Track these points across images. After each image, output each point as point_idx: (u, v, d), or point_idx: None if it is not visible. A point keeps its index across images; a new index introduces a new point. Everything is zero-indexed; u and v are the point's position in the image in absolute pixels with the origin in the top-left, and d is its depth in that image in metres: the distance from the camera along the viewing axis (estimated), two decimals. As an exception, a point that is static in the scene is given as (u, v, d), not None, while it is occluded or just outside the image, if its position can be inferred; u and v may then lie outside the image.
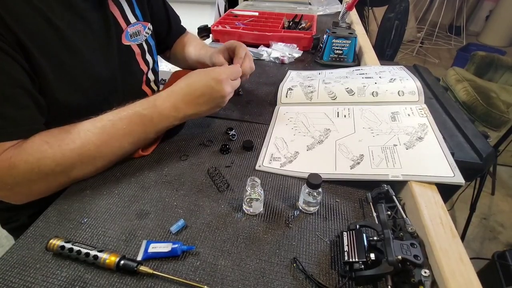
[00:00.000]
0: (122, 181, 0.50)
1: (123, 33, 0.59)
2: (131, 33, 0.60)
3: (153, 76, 0.72)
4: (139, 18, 0.63)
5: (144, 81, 0.68)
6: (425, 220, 0.40)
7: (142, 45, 0.64)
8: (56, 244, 0.38)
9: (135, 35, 0.62)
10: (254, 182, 0.42)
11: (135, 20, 0.61)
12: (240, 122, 0.65)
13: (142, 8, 0.64)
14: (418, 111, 0.60)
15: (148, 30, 0.65)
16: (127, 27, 0.59)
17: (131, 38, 0.61)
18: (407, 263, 0.35)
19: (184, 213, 0.45)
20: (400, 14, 2.27)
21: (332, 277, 0.37)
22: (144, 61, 0.66)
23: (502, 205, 1.71)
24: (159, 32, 0.74)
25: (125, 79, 0.61)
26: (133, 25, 0.61)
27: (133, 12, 0.61)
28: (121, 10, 0.58)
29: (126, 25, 0.59)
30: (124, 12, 0.59)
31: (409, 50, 3.38)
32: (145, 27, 0.64)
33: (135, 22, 0.61)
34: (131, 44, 0.61)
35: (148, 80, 0.70)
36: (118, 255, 0.37)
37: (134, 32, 0.61)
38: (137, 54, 0.63)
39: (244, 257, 0.39)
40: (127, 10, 0.60)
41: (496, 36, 3.54)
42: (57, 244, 0.38)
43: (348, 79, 0.71)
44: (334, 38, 0.87)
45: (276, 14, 1.22)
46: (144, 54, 0.65)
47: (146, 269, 0.36)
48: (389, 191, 0.45)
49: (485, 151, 0.71)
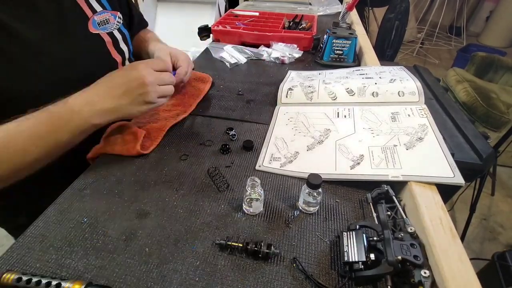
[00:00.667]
0: (122, 181, 0.50)
1: (89, 21, 0.57)
2: (99, 21, 0.59)
3: None
4: (106, 7, 0.62)
5: None
6: (425, 220, 0.40)
7: (112, 33, 0.63)
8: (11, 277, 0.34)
9: (103, 23, 0.60)
10: (254, 182, 0.42)
11: (101, 8, 0.61)
12: (240, 122, 0.65)
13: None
14: (418, 111, 0.60)
15: (119, 19, 0.64)
16: (93, 15, 0.58)
17: (100, 27, 0.59)
18: (407, 263, 0.35)
19: (184, 213, 0.45)
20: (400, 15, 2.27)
21: (332, 277, 0.37)
22: (117, 50, 0.64)
23: (502, 205, 1.71)
24: None
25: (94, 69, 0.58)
26: (100, 14, 0.60)
27: (98, 1, 0.60)
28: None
29: (92, 13, 0.58)
30: (88, 1, 0.58)
31: (409, 50, 3.38)
32: (115, 16, 0.63)
33: (102, 10, 0.60)
34: (100, 33, 0.60)
35: None
36: (82, 282, 0.34)
37: (102, 20, 0.60)
38: (108, 43, 0.61)
39: (243, 257, 0.39)
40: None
41: (496, 36, 3.54)
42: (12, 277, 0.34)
43: (348, 80, 0.71)
44: (335, 39, 0.87)
45: (277, 14, 1.22)
46: (117, 43, 0.64)
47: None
48: (389, 192, 0.45)
49: (485, 151, 0.72)
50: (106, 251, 0.39)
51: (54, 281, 0.34)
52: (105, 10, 0.61)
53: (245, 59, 0.94)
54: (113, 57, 0.63)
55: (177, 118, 0.64)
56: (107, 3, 0.63)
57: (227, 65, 0.91)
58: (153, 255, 0.39)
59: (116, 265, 0.38)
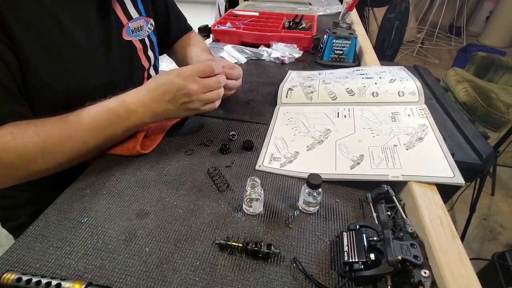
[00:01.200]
0: (122, 181, 0.50)
1: (124, 28, 0.59)
2: (133, 28, 0.60)
3: (154, 73, 0.72)
4: (142, 13, 0.63)
5: (146, 77, 0.68)
6: (425, 220, 0.40)
7: (144, 40, 0.64)
8: (11, 278, 0.34)
9: (137, 30, 0.61)
10: (254, 182, 0.42)
11: (137, 15, 0.61)
12: (240, 122, 0.65)
13: (145, 3, 0.64)
14: (418, 111, 0.60)
15: (150, 25, 0.65)
16: (128, 22, 0.59)
17: (133, 34, 0.61)
18: (407, 263, 0.35)
19: (184, 212, 0.45)
20: (400, 15, 2.27)
21: (332, 277, 0.37)
22: (146, 57, 0.66)
23: (502, 205, 1.71)
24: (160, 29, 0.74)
25: (127, 75, 0.61)
26: (135, 20, 0.61)
27: (135, 7, 0.61)
28: (123, 5, 0.58)
29: (127, 20, 0.59)
30: (125, 7, 0.59)
31: (409, 50, 3.38)
32: (148, 22, 0.64)
33: (137, 17, 0.61)
34: (132, 39, 0.61)
35: (150, 76, 0.70)
36: (82, 282, 0.34)
37: (136, 27, 0.61)
38: (139, 50, 0.63)
39: (243, 257, 0.39)
40: (129, 5, 0.60)
41: (496, 36, 3.54)
42: (12, 277, 0.34)
43: (348, 80, 0.71)
44: (335, 39, 0.88)
45: (277, 14, 1.22)
46: (146, 49, 0.65)
47: None
48: (389, 192, 0.45)
49: (485, 151, 0.72)
50: (106, 251, 0.39)
51: (54, 281, 0.34)
52: (140, 17, 0.62)
53: (245, 59, 0.94)
54: (142, 64, 0.65)
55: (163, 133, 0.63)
56: (143, 8, 0.63)
57: (227, 65, 0.91)
58: (153, 255, 0.39)
59: (116, 265, 0.38)
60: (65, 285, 0.34)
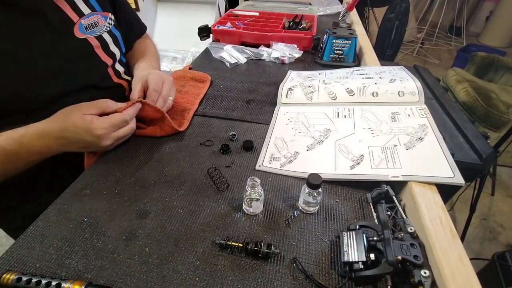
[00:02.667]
0: (122, 181, 0.50)
1: (75, 26, 0.56)
2: (86, 25, 0.57)
3: (122, 68, 0.68)
4: (96, 9, 0.60)
5: (113, 74, 0.65)
6: (425, 220, 0.40)
7: (102, 36, 0.61)
8: (11, 278, 0.34)
9: (91, 27, 0.58)
10: (254, 182, 0.42)
11: (89, 11, 0.58)
12: (240, 122, 0.65)
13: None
14: (418, 111, 0.60)
15: (110, 20, 0.62)
16: (79, 19, 0.56)
17: (87, 31, 0.58)
18: (407, 263, 0.35)
19: (184, 212, 0.45)
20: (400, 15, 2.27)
21: (332, 277, 0.37)
22: (107, 53, 0.62)
23: (502, 205, 1.71)
24: None
25: (84, 74, 0.58)
26: (88, 17, 0.58)
27: (86, 3, 0.58)
28: (71, 2, 0.55)
29: (78, 17, 0.56)
30: (74, 4, 0.56)
31: (409, 50, 3.38)
32: (106, 17, 0.61)
33: (90, 13, 0.58)
34: (87, 37, 0.58)
35: (118, 72, 0.67)
36: (82, 282, 0.34)
37: (89, 24, 0.58)
38: (96, 47, 0.60)
39: (243, 257, 0.39)
40: (79, 1, 0.57)
41: (496, 36, 3.54)
42: (12, 277, 0.34)
43: (348, 80, 0.71)
44: (335, 39, 0.88)
45: (277, 14, 1.22)
46: (107, 46, 0.62)
47: None
48: (389, 192, 0.45)
49: (485, 151, 0.72)
50: (106, 251, 0.39)
51: (54, 281, 0.34)
52: (94, 12, 0.59)
53: (245, 59, 0.94)
54: (102, 61, 0.62)
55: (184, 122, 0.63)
56: (97, 4, 0.61)
57: (227, 65, 0.91)
58: (153, 255, 0.39)
59: (116, 265, 0.38)
60: (65, 285, 0.34)
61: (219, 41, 1.06)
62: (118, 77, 0.67)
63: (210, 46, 1.02)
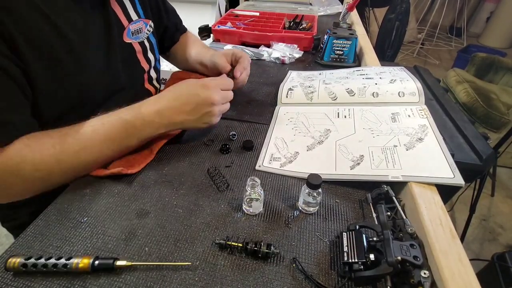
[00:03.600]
0: (122, 180, 0.50)
1: (125, 31, 0.58)
2: (133, 30, 0.60)
3: (155, 74, 0.71)
4: (141, 15, 0.62)
5: (146, 79, 0.68)
6: (424, 221, 0.40)
7: (143, 43, 0.64)
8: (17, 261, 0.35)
9: (136, 32, 0.61)
10: (254, 182, 0.42)
11: (136, 17, 0.61)
12: (240, 122, 0.65)
13: (143, 4, 0.64)
14: (418, 112, 0.60)
15: (149, 27, 0.65)
16: (129, 24, 0.59)
17: (133, 36, 0.60)
18: (406, 264, 0.35)
19: (184, 212, 0.45)
20: (400, 15, 2.27)
21: (332, 278, 0.37)
22: (145, 59, 0.65)
23: (502, 206, 1.71)
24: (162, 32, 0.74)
25: (128, 78, 0.61)
26: (135, 23, 0.60)
27: (134, 9, 0.61)
28: (123, 7, 0.58)
29: (128, 23, 0.59)
30: (126, 9, 0.58)
31: (409, 51, 3.38)
32: (147, 24, 0.64)
33: (137, 19, 0.61)
34: (132, 42, 0.60)
35: (151, 78, 0.69)
36: (90, 257, 0.36)
37: (135, 29, 0.61)
38: (138, 52, 0.63)
39: (243, 257, 0.39)
40: (129, 7, 0.59)
41: (496, 37, 3.54)
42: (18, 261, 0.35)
43: (348, 80, 0.71)
44: (335, 39, 0.88)
45: (277, 15, 1.22)
46: (146, 52, 0.65)
47: (123, 262, 0.36)
48: (389, 192, 0.45)
49: (485, 152, 0.71)
50: (106, 250, 0.39)
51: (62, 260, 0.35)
52: (139, 19, 0.62)
53: (242, 52, 0.94)
54: (141, 66, 0.64)
55: None
56: (141, 10, 0.63)
57: (227, 65, 0.91)
58: (153, 255, 0.39)
59: (116, 264, 0.38)
60: (73, 261, 0.35)
61: (220, 41, 1.06)
62: (149, 82, 0.69)
63: (211, 46, 1.02)
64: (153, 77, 0.70)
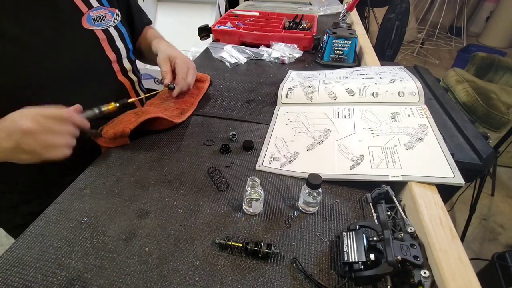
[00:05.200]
0: (122, 181, 0.50)
1: (84, 16, 0.57)
2: (94, 17, 0.58)
3: (129, 65, 0.69)
4: (104, 4, 0.61)
5: (118, 70, 0.65)
6: (425, 220, 0.40)
7: (108, 30, 0.62)
8: None
9: (99, 19, 0.59)
10: (254, 182, 0.42)
11: (98, 4, 0.60)
12: (240, 122, 0.65)
13: None
14: (418, 111, 0.60)
15: (116, 16, 0.63)
16: (88, 10, 0.57)
17: (95, 23, 0.59)
18: (406, 263, 0.35)
19: (184, 212, 0.45)
20: (400, 15, 2.27)
21: (332, 277, 0.37)
22: (112, 48, 0.63)
23: (502, 206, 1.71)
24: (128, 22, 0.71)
25: (88, 66, 0.59)
26: (96, 9, 0.59)
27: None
28: None
29: (87, 8, 0.57)
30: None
31: (409, 50, 3.38)
32: (113, 13, 0.63)
33: (98, 6, 0.60)
34: (94, 29, 0.58)
35: (124, 69, 0.67)
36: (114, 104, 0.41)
37: (97, 16, 0.59)
38: (102, 40, 0.60)
39: (243, 257, 0.39)
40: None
41: (496, 37, 3.54)
42: None
43: (348, 80, 0.71)
44: (335, 39, 0.87)
45: (277, 14, 1.22)
46: (113, 40, 0.63)
47: None
48: (389, 192, 0.45)
49: (485, 152, 0.72)
50: (106, 251, 0.39)
51: None
52: (102, 6, 0.60)
53: (245, 59, 0.94)
54: (107, 55, 0.62)
55: (181, 117, 0.64)
56: None
57: (227, 65, 0.91)
58: (153, 255, 0.39)
59: (116, 265, 0.38)
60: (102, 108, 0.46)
61: (219, 41, 1.06)
62: (123, 74, 0.67)
63: (210, 46, 1.02)
64: (127, 68, 0.68)
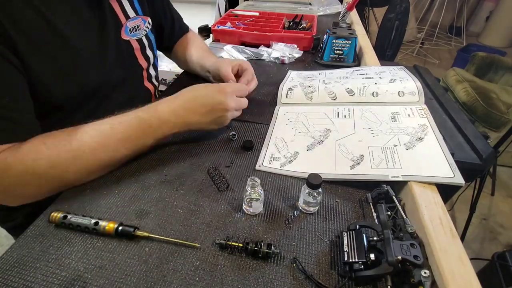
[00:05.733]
0: (122, 181, 0.50)
1: (123, 28, 0.58)
2: (131, 27, 0.60)
3: (154, 72, 0.71)
4: (139, 12, 0.62)
5: (145, 77, 0.68)
6: (425, 220, 0.40)
7: (141, 40, 0.63)
8: (58, 216, 0.41)
9: (134, 29, 0.61)
10: (254, 182, 0.42)
11: (134, 14, 0.61)
12: (240, 122, 0.65)
13: (141, 1, 0.63)
14: (418, 111, 0.60)
15: (148, 24, 0.65)
16: (126, 21, 0.59)
17: (131, 33, 0.60)
18: (407, 263, 0.35)
19: (184, 212, 0.45)
20: (400, 15, 2.27)
21: (332, 277, 0.37)
22: (144, 56, 0.65)
23: (502, 206, 1.71)
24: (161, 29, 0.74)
25: (124, 75, 0.60)
26: (133, 20, 0.60)
27: (132, 6, 0.61)
28: (121, 4, 0.58)
29: (125, 20, 0.59)
30: (123, 7, 0.58)
31: (409, 50, 3.38)
32: (145, 21, 0.64)
33: (135, 16, 0.61)
34: (130, 39, 0.60)
35: (150, 76, 0.69)
36: (116, 222, 0.41)
37: (133, 26, 0.61)
38: (136, 50, 0.62)
39: (243, 257, 0.39)
40: (126, 4, 0.59)
41: (496, 36, 3.54)
42: (59, 216, 0.41)
43: (348, 80, 0.71)
44: (335, 39, 0.87)
45: (277, 14, 1.22)
46: (144, 49, 0.65)
47: (142, 233, 0.40)
48: (389, 192, 0.45)
49: (485, 151, 0.72)
50: (106, 251, 0.39)
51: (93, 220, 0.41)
52: (137, 16, 0.61)
53: (245, 59, 0.94)
54: (139, 63, 0.64)
55: None
56: (139, 7, 0.63)
57: (227, 65, 0.91)
58: (153, 255, 0.39)
59: (116, 265, 0.38)
60: (101, 223, 0.40)
61: (219, 41, 1.06)
62: (149, 80, 0.69)
63: (210, 46, 1.02)
64: (152, 75, 0.70)
